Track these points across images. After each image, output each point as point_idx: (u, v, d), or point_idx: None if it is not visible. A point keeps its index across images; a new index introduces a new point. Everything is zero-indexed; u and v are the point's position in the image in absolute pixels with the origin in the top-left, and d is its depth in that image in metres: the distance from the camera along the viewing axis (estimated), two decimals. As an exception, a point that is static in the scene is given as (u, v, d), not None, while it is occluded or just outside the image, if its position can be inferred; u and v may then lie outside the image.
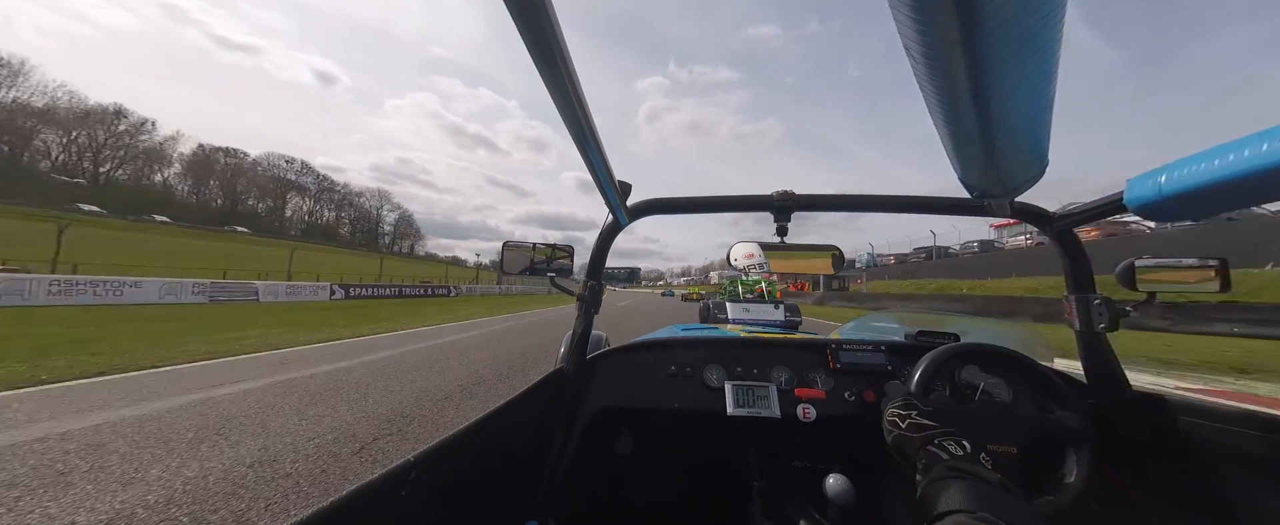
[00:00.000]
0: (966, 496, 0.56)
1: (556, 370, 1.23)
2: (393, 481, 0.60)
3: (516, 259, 1.26)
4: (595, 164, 0.77)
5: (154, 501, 2.16)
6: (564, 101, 0.55)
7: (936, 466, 0.64)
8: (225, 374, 4.82)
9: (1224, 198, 0.61)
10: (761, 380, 1.29)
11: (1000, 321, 5.89)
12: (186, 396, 3.93)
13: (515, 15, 0.41)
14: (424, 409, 3.78)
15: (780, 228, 1.16)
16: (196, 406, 3.66)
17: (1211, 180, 0.57)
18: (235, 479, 2.41)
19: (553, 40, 0.44)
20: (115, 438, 2.93)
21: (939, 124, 0.64)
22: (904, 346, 1.34)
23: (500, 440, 0.92)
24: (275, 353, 6.24)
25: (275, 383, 4.52)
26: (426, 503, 0.67)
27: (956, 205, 1.10)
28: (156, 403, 3.72)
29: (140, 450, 2.75)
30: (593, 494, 1.37)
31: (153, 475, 2.43)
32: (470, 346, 7.52)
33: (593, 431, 1.29)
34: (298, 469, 2.57)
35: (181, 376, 4.67)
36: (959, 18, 0.40)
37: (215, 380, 4.53)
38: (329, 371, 5.13)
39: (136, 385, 4.26)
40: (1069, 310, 1.10)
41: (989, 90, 0.51)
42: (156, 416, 3.39)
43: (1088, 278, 1.09)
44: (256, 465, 2.59)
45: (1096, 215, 0.94)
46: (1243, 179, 0.54)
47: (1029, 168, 0.76)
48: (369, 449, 2.90)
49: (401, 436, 3.15)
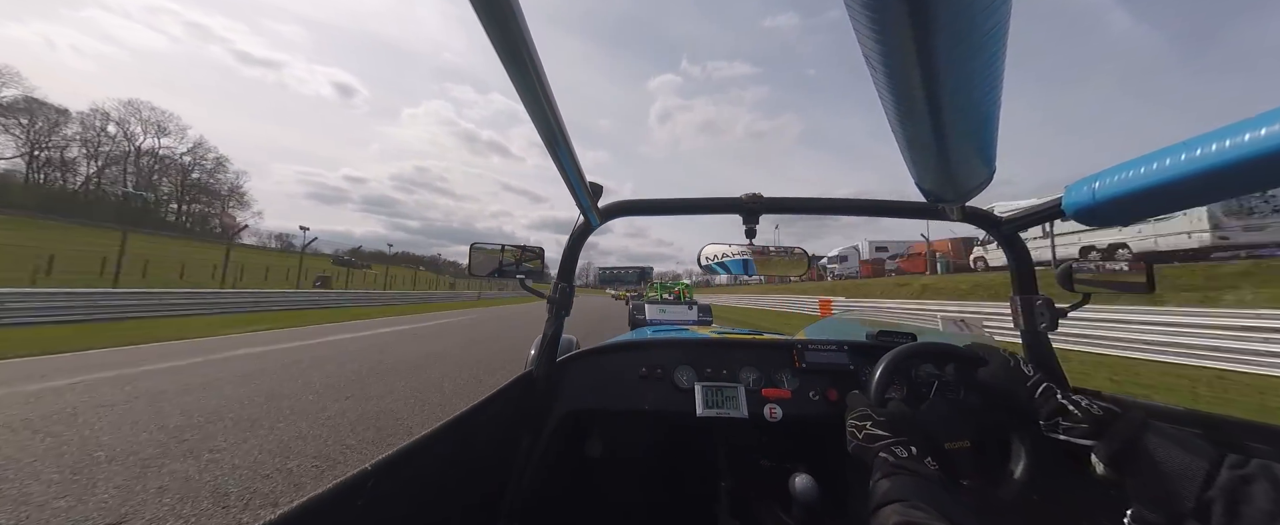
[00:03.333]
0: (903, 489, 0.65)
1: (525, 373, 1.21)
2: (350, 490, 0.58)
3: (484, 261, 1.24)
4: (566, 165, 0.76)
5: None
6: (533, 102, 0.55)
7: (883, 467, 0.72)
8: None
9: (1153, 203, 0.66)
10: (730, 381, 1.31)
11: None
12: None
13: (482, 16, 0.40)
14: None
15: (749, 230, 1.19)
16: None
17: (1141, 186, 0.62)
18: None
19: (521, 41, 0.44)
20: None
21: (896, 132, 0.67)
22: (865, 346, 1.39)
23: (465, 445, 0.90)
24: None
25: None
26: (386, 510, 0.65)
27: (912, 209, 1.16)
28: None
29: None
30: (561, 497, 1.35)
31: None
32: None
33: (562, 435, 1.27)
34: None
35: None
36: (914, 28, 0.43)
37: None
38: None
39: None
40: (1015, 311, 1.17)
41: (942, 100, 0.54)
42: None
43: (1031, 279, 1.16)
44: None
45: (1039, 219, 1.00)
46: (1170, 185, 0.58)
47: (979, 173, 0.80)
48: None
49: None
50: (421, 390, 4.76)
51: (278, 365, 5.83)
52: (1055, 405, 0.84)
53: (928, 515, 0.57)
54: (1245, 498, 0.57)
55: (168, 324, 10.35)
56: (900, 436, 0.77)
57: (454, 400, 4.41)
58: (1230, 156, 0.51)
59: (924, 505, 0.59)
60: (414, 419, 3.76)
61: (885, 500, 0.63)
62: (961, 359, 1.14)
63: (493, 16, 0.41)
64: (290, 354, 6.77)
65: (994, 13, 0.42)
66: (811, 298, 22.49)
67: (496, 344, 8.78)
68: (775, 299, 28.17)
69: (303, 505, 0.51)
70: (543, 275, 1.29)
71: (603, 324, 13.05)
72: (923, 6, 0.40)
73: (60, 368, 5.25)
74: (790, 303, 24.68)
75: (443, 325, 12.87)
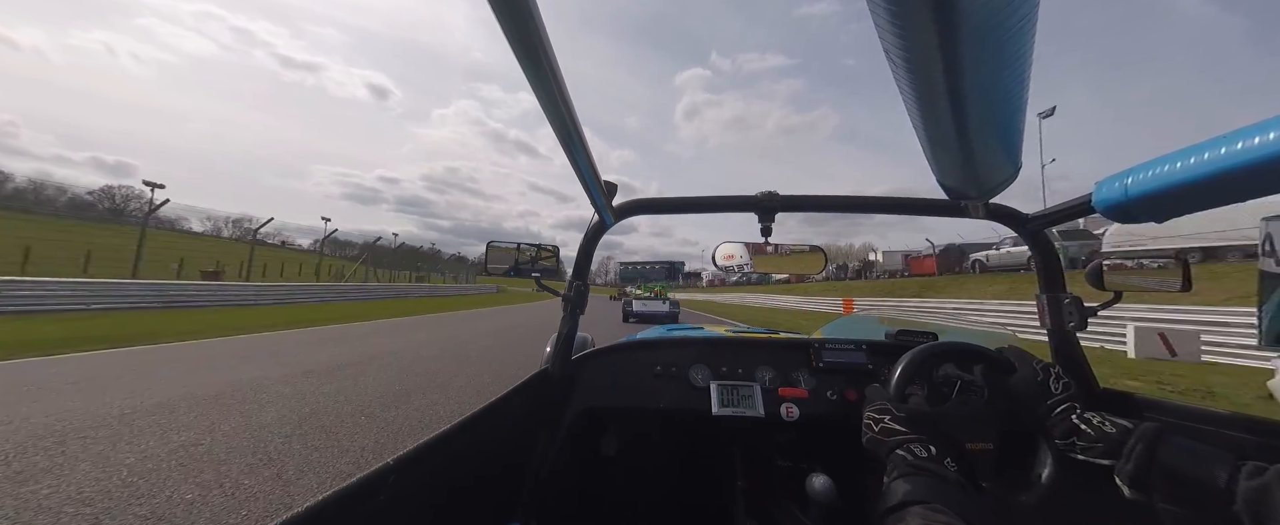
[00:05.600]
0: (923, 490, 0.62)
1: (541, 371, 1.22)
2: (371, 485, 0.59)
3: (500, 258, 1.25)
4: (580, 163, 0.77)
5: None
6: (549, 101, 0.55)
7: (901, 466, 0.69)
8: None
9: (1187, 200, 0.64)
10: (746, 379, 1.30)
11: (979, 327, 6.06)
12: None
13: (499, 15, 0.40)
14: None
15: (764, 228, 1.18)
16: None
17: (1175, 183, 0.60)
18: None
19: (537, 40, 0.44)
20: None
21: (917, 127, 0.65)
22: (884, 346, 1.37)
23: (482, 443, 0.91)
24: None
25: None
26: (405, 506, 0.66)
27: (934, 206, 1.13)
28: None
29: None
30: (577, 495, 1.36)
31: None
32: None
33: (577, 432, 1.28)
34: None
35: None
36: (937, 23, 0.41)
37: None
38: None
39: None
40: (1041, 309, 1.13)
41: (965, 94, 0.53)
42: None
43: (1059, 277, 1.12)
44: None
45: (1067, 216, 0.97)
46: (1204, 181, 0.56)
47: (1003, 170, 0.78)
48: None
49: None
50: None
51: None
52: (1070, 425, 0.83)
53: (950, 519, 0.55)
54: (1267, 508, 0.56)
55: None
56: (919, 434, 0.75)
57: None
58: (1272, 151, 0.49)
59: (945, 509, 0.57)
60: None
61: (905, 501, 0.61)
62: (991, 362, 1.10)
63: (510, 15, 0.41)
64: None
65: (1020, 6, 0.41)
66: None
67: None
68: (795, 299, 28.11)
69: (325, 500, 0.52)
70: (559, 273, 1.30)
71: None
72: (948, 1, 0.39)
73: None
74: (815, 302, 24.54)
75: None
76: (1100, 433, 0.78)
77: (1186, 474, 0.66)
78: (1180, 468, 0.67)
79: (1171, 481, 0.67)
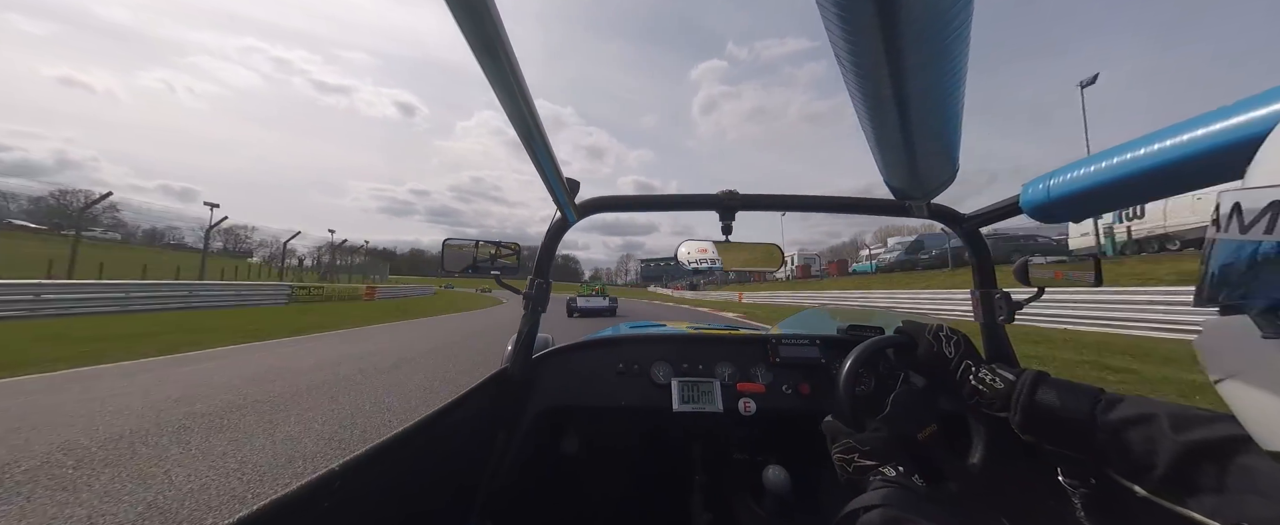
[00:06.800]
0: (887, 495, 0.65)
1: (500, 371, 1.19)
2: (316, 491, 0.56)
3: (457, 257, 1.21)
4: (542, 161, 0.76)
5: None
6: (508, 97, 0.54)
7: (875, 484, 0.73)
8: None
9: (1103, 200, 0.70)
10: (706, 376, 1.32)
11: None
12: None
13: (455, 11, 0.40)
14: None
15: (725, 227, 1.20)
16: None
17: (1092, 184, 0.66)
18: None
19: (496, 37, 0.44)
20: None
21: (866, 130, 0.69)
22: (835, 339, 1.42)
23: (438, 444, 0.88)
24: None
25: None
26: (351, 511, 0.63)
27: (881, 206, 1.19)
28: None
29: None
30: (536, 494, 1.34)
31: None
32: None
33: (538, 432, 1.26)
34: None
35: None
36: (882, 31, 0.44)
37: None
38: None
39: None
40: (975, 303, 1.21)
41: (909, 98, 0.56)
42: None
43: (991, 274, 1.21)
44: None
45: (999, 216, 1.05)
46: (1119, 182, 0.62)
47: (944, 171, 0.83)
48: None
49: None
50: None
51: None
52: (970, 386, 0.86)
53: (911, 518, 0.57)
54: (1123, 440, 0.62)
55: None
56: (888, 460, 0.78)
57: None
58: (1175, 155, 0.55)
59: (906, 509, 0.59)
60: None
61: (867, 505, 0.62)
62: (897, 345, 1.08)
63: (466, 11, 0.40)
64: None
65: (957, 15, 0.44)
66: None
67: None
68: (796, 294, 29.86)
69: (265, 507, 0.49)
70: (520, 271, 1.27)
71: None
72: (890, 7, 0.41)
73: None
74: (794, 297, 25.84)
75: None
76: (993, 389, 0.82)
77: (1057, 413, 0.70)
78: (1052, 408, 0.71)
79: (1049, 423, 0.71)
